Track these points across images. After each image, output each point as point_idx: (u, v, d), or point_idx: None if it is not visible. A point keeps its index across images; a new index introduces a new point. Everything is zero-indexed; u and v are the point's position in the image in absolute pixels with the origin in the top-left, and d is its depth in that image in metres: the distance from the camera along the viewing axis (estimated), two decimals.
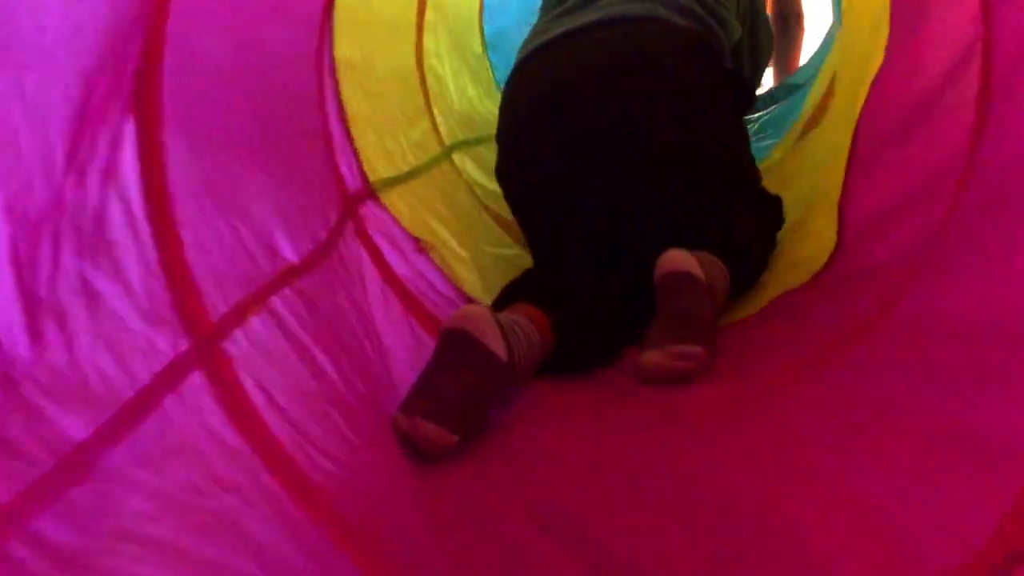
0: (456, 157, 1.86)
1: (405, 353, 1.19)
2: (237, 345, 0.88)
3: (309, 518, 0.81)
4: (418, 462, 0.99)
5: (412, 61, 1.81)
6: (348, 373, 1.02)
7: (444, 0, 2.05)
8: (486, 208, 1.83)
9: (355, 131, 1.41)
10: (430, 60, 1.90)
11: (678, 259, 1.25)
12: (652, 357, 1.16)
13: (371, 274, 1.26)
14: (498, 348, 1.07)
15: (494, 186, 1.74)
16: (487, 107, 2.24)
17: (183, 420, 0.79)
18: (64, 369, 0.68)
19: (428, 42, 1.89)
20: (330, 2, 1.33)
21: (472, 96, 2.24)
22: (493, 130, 1.59)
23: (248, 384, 0.86)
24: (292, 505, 0.82)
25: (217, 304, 0.88)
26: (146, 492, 0.72)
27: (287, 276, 1.03)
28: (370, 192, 1.41)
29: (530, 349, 1.16)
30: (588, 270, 1.40)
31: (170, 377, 0.79)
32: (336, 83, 1.38)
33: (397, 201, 1.48)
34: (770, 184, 1.63)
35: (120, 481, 0.70)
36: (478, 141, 2.03)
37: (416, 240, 1.43)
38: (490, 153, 1.98)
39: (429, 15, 1.89)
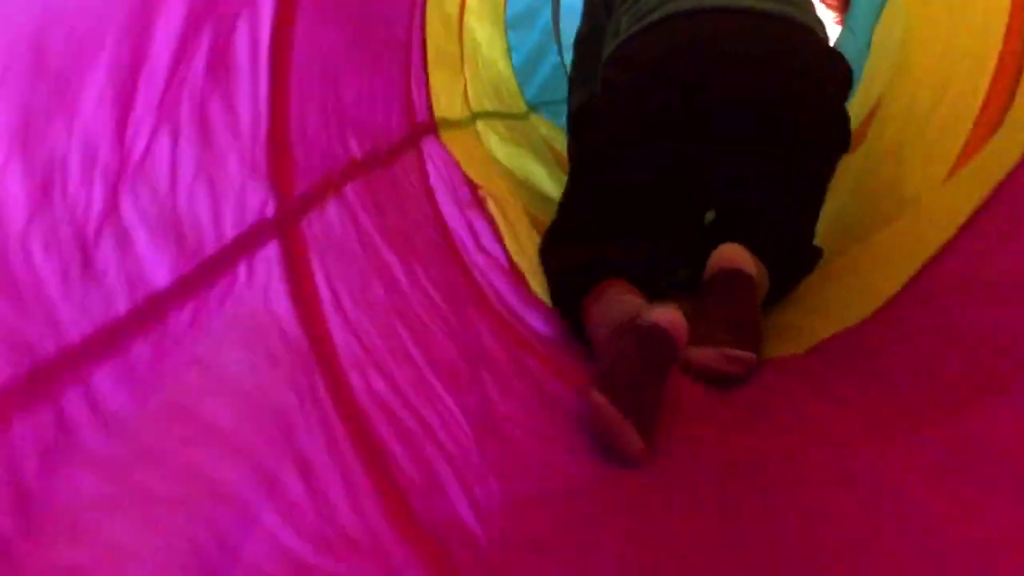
0: (480, 126, 1.75)
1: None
2: (313, 228, 0.76)
3: (357, 454, 0.69)
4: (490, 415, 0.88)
5: (455, 10, 1.68)
6: (421, 283, 0.90)
7: None
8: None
9: (429, 61, 1.30)
10: (470, 18, 1.78)
11: (738, 257, 1.23)
12: (707, 356, 1.12)
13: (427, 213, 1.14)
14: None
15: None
16: (512, 86, 2.14)
17: (250, 294, 0.67)
18: (164, 196, 0.57)
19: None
20: None
21: (501, 70, 2.14)
22: (515, 109, 1.61)
23: (318, 275, 0.74)
24: (341, 429, 0.70)
25: (303, 177, 0.76)
26: (203, 366, 0.60)
27: (359, 168, 0.91)
28: (434, 127, 1.30)
29: None
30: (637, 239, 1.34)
31: (250, 241, 0.67)
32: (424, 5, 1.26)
33: (452, 144, 1.36)
34: None
35: (182, 348, 0.58)
36: (500, 115, 1.93)
37: (475, 186, 1.31)
38: (508, 131, 1.91)
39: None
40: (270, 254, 0.69)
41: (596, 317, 1.19)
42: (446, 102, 1.42)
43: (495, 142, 1.81)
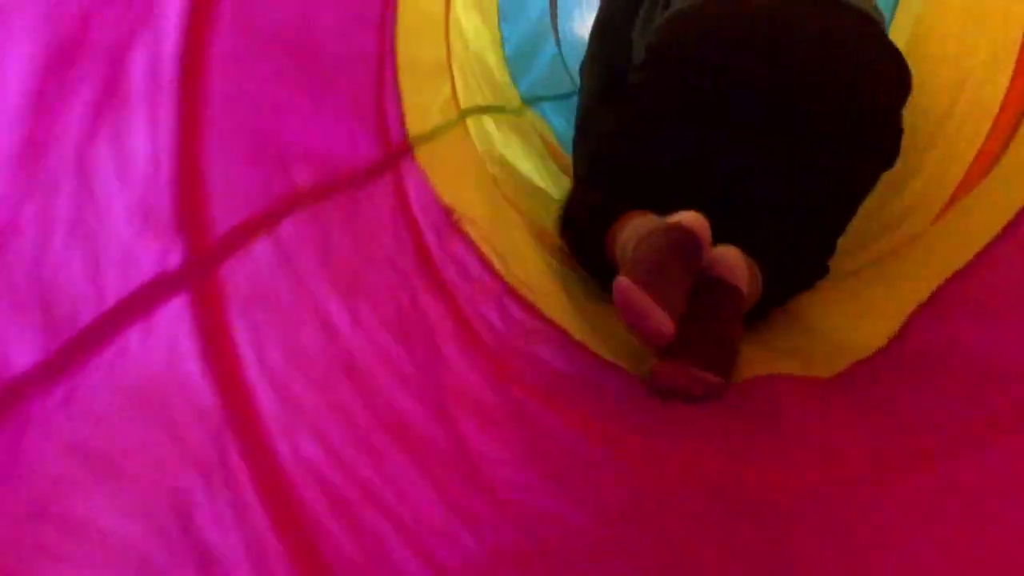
0: (471, 123, 1.66)
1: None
2: (235, 276, 0.68)
3: (279, 538, 0.61)
4: (467, 472, 0.80)
5: (438, 6, 1.57)
6: (372, 326, 0.81)
7: None
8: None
9: (401, 72, 1.21)
10: (457, 9, 1.65)
11: (735, 266, 1.18)
12: (672, 371, 1.07)
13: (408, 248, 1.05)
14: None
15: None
16: (505, 79, 2.04)
17: (148, 360, 0.58)
18: (29, 264, 0.48)
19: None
20: None
21: (491, 63, 2.03)
22: (506, 101, 1.58)
23: (239, 329, 0.66)
24: (259, 509, 0.61)
25: (224, 218, 0.67)
26: (78, 454, 0.52)
27: (305, 201, 0.83)
28: (409, 147, 1.21)
29: None
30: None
31: (144, 300, 0.58)
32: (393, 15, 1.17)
33: (428, 162, 1.27)
34: None
35: (50, 435, 0.49)
36: (493, 110, 1.83)
37: (448, 211, 1.22)
38: (499, 126, 1.81)
39: None
40: (175, 311, 0.61)
41: (623, 238, 1.20)
42: (422, 114, 1.33)
43: (490, 135, 1.72)
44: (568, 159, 1.96)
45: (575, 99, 1.96)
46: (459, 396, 0.92)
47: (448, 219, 1.21)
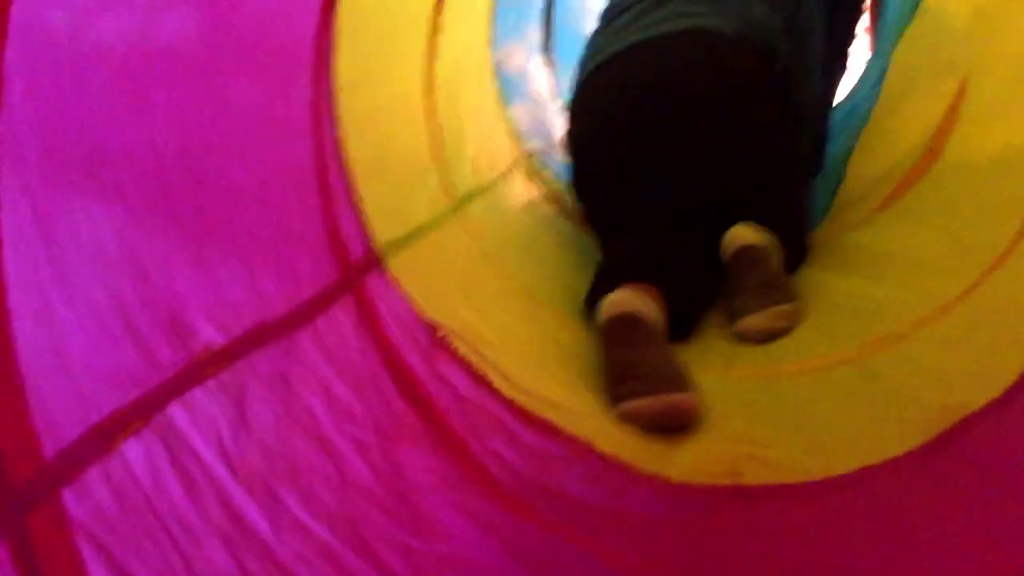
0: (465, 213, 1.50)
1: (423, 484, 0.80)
2: (85, 499, 0.52)
3: None
4: None
5: (418, 91, 1.43)
6: (305, 530, 0.64)
7: (461, 13, 1.61)
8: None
9: (357, 176, 1.06)
10: (440, 93, 1.48)
11: (746, 234, 1.40)
12: (756, 321, 1.28)
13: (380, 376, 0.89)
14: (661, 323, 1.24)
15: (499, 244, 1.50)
16: (494, 148, 1.86)
17: None
18: None
19: (439, 68, 1.47)
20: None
21: (478, 130, 1.82)
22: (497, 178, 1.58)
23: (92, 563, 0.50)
24: None
25: (70, 426, 0.52)
26: None
27: (217, 361, 0.67)
28: (376, 259, 1.06)
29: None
30: (667, 245, 1.46)
31: None
32: (333, 110, 1.03)
33: (405, 271, 1.11)
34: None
35: None
36: (485, 189, 1.67)
37: (433, 327, 1.06)
38: (495, 203, 1.65)
39: (444, 33, 1.47)
40: None
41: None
42: (398, 216, 1.18)
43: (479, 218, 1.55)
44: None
45: None
46: None
47: (434, 334, 1.04)
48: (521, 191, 1.83)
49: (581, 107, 1.63)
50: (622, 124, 1.51)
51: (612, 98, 1.55)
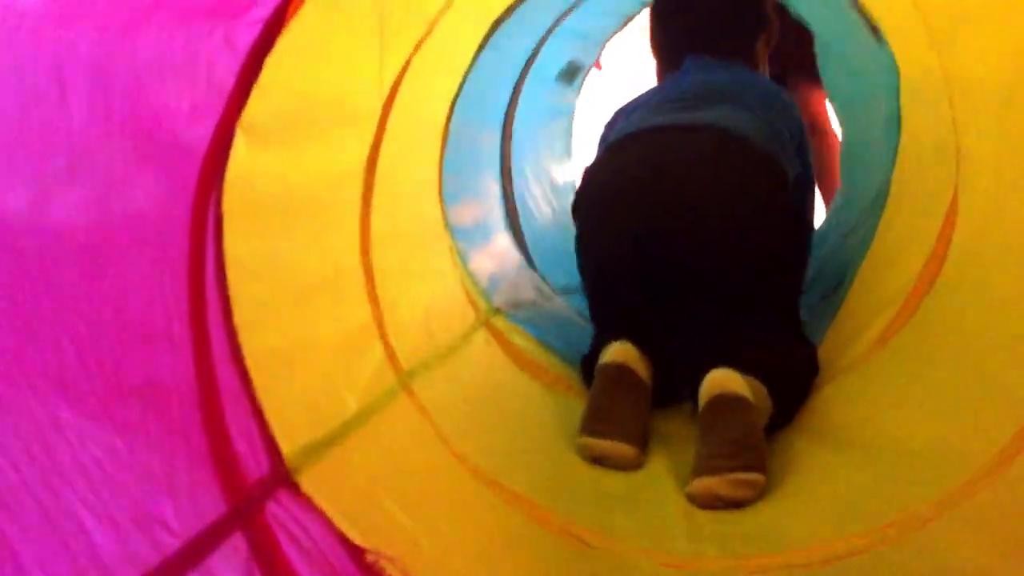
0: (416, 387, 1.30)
1: None
2: None
3: None
4: None
5: (353, 256, 1.24)
6: None
7: (397, 170, 1.41)
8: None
9: (263, 372, 0.88)
10: (378, 254, 1.29)
11: (728, 380, 1.27)
12: (712, 484, 1.16)
13: None
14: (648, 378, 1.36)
15: (458, 421, 1.29)
16: (448, 304, 1.67)
17: None
18: None
19: (375, 224, 1.28)
20: (216, 160, 0.83)
21: (430, 293, 1.62)
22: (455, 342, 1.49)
23: None
24: None
25: None
26: None
27: None
28: (283, 476, 0.86)
29: None
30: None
31: None
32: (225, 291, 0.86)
33: (327, 481, 0.92)
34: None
35: None
36: (441, 356, 1.48)
37: (360, 553, 0.86)
38: (453, 378, 1.45)
39: (379, 189, 1.29)
40: None
41: None
42: (317, 414, 0.99)
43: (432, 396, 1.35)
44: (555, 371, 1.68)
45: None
46: None
47: (361, 565, 0.84)
48: (484, 355, 1.64)
49: (601, 165, 1.62)
50: (632, 193, 1.48)
51: (632, 166, 1.52)
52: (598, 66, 2.45)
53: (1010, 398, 0.98)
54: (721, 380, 1.26)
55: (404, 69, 1.29)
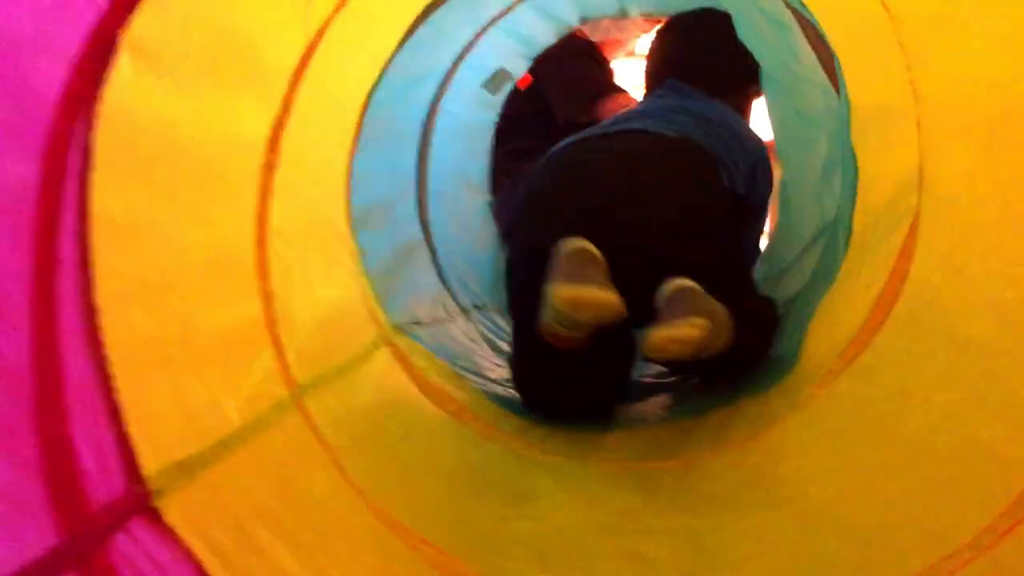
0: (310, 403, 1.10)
1: None
2: None
3: None
4: None
5: (247, 240, 1.03)
6: None
7: (303, 153, 1.22)
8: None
9: (118, 367, 0.68)
10: (276, 244, 1.09)
11: (686, 282, 1.32)
12: (661, 331, 1.25)
13: None
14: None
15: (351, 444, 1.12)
16: (349, 315, 1.48)
17: None
18: None
19: (274, 214, 1.08)
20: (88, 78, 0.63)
21: (329, 299, 1.42)
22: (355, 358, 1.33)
23: None
24: None
25: None
26: None
27: None
28: (140, 501, 0.66)
29: None
30: None
31: None
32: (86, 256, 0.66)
33: (197, 509, 0.72)
34: None
35: None
36: (339, 371, 1.29)
37: None
38: (351, 398, 1.26)
39: (282, 170, 1.09)
40: None
41: None
42: (179, 435, 0.79)
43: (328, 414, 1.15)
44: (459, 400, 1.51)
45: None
46: None
47: None
48: (385, 376, 1.46)
49: (558, 153, 1.65)
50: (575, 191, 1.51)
51: (588, 155, 1.59)
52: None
53: (998, 460, 0.87)
54: (680, 282, 1.31)
55: (322, 32, 1.11)
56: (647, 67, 2.04)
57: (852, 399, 1.21)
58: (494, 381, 1.65)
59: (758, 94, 1.91)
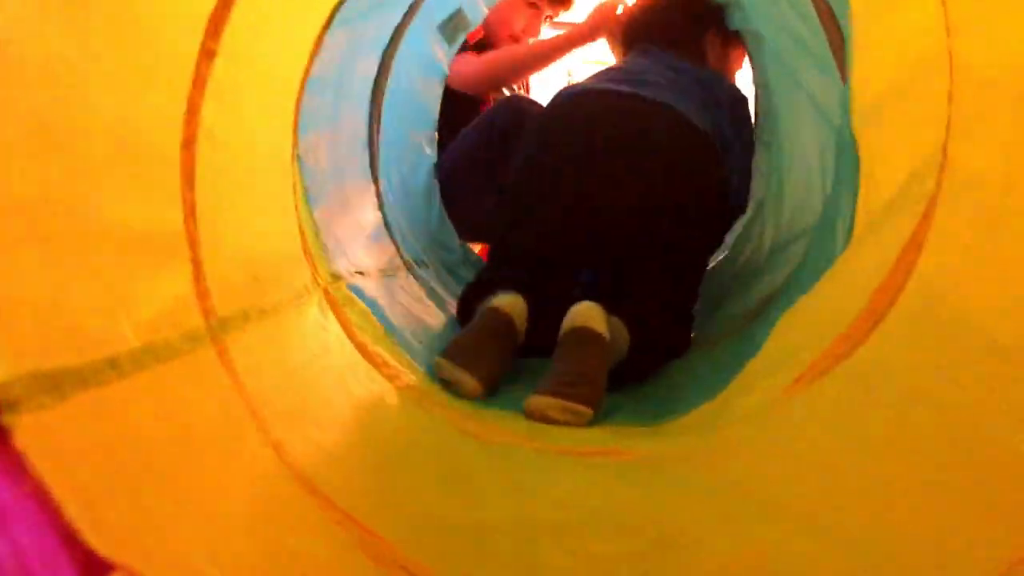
0: (230, 342, 0.92)
1: None
2: None
3: None
4: None
5: (174, 128, 0.84)
6: None
7: (251, 49, 1.05)
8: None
9: None
10: (205, 148, 0.89)
11: (590, 315, 1.38)
12: (543, 403, 1.28)
13: None
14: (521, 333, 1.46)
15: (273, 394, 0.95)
16: (284, 253, 1.28)
17: None
18: None
19: (208, 110, 0.90)
20: None
21: (263, 231, 1.22)
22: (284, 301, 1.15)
23: None
24: None
25: None
26: None
27: None
28: None
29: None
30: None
31: None
32: None
33: (61, 436, 0.54)
34: None
35: None
36: (266, 312, 1.10)
37: (100, 563, 0.49)
38: (276, 345, 1.09)
39: (222, 61, 0.91)
40: None
41: None
42: (85, 333, 0.61)
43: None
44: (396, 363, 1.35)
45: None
46: None
47: None
48: (317, 327, 1.28)
49: (554, 107, 1.71)
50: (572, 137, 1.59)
51: (580, 118, 1.63)
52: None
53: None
54: (583, 312, 1.37)
55: None
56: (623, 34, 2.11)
57: (840, 401, 1.08)
58: (437, 338, 1.51)
59: (720, 40, 1.95)
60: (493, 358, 1.38)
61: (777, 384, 1.19)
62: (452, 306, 1.73)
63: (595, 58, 4.78)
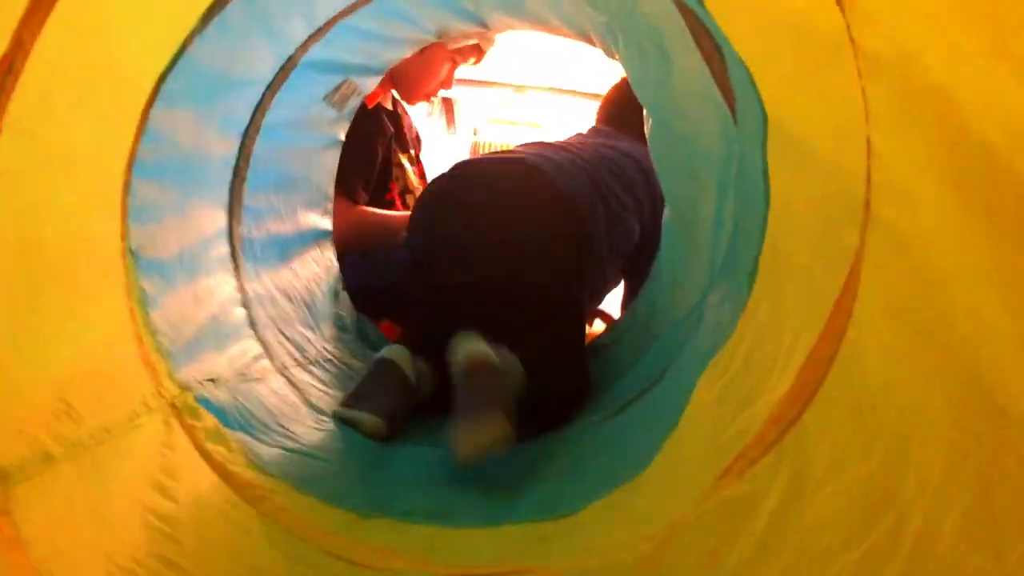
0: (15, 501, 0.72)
1: None
2: None
3: None
4: None
5: None
6: None
7: (56, 123, 0.91)
8: None
9: None
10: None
11: (472, 344, 1.39)
12: (461, 434, 1.27)
13: None
14: (412, 377, 1.55)
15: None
16: (111, 379, 1.07)
17: None
18: None
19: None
20: None
21: (87, 354, 1.02)
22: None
23: None
24: None
25: None
26: None
27: None
28: None
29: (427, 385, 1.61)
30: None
31: None
32: None
33: None
34: None
35: None
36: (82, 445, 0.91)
37: None
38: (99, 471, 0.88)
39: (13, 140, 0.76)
40: None
41: None
42: None
43: None
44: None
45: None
46: None
47: None
48: (158, 445, 1.08)
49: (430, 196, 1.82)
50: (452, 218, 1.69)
51: (456, 185, 1.76)
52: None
53: None
54: (464, 344, 1.38)
55: None
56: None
57: (772, 493, 0.92)
58: (308, 447, 1.32)
59: None
60: (388, 398, 1.50)
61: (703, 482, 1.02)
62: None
63: (498, 116, 4.73)
